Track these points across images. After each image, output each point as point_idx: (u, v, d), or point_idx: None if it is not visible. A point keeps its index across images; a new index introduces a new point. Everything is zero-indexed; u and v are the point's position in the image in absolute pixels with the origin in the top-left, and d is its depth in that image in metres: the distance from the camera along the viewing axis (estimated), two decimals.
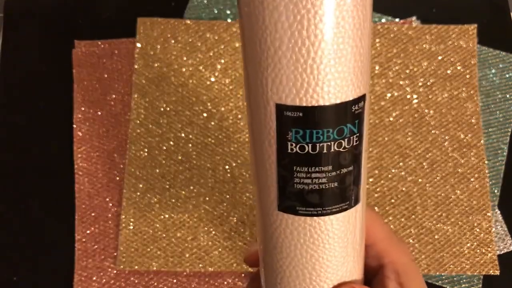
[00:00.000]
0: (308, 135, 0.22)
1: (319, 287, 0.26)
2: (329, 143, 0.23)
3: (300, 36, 0.21)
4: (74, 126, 0.52)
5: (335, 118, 0.22)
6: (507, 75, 0.54)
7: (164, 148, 0.51)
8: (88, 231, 0.50)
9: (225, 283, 0.49)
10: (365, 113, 0.23)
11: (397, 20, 0.56)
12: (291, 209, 0.24)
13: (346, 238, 0.25)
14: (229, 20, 0.55)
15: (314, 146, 0.23)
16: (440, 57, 0.54)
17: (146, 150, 0.51)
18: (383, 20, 0.55)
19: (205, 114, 0.52)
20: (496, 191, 0.51)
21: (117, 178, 0.51)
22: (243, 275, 0.49)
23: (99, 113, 0.53)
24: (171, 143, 0.52)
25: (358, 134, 0.23)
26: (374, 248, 0.30)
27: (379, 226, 0.30)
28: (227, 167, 0.51)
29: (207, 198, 0.50)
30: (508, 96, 0.54)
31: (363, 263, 0.28)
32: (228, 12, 0.56)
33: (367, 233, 0.29)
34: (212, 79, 0.53)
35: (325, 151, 0.23)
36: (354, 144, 0.23)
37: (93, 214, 0.50)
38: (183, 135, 0.52)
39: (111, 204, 0.50)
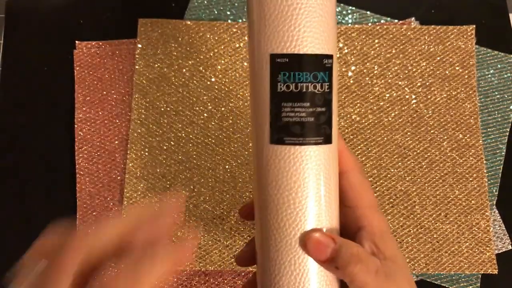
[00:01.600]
0: (292, 76, 0.30)
1: (301, 214, 0.31)
2: (307, 84, 0.30)
3: (286, 5, 0.30)
4: (76, 126, 0.52)
5: (311, 65, 0.31)
6: (505, 76, 0.55)
7: (165, 148, 0.52)
8: (89, 230, 0.50)
9: (225, 281, 0.49)
10: (334, 70, 0.32)
11: (396, 21, 0.56)
12: (280, 140, 0.31)
13: (321, 171, 0.31)
14: (229, 21, 0.55)
15: (297, 85, 0.30)
16: (438, 58, 0.54)
17: (146, 150, 0.52)
18: (382, 21, 0.56)
19: (205, 114, 0.53)
20: (494, 190, 0.51)
21: (118, 178, 0.51)
22: (242, 273, 0.49)
23: (100, 113, 0.53)
24: (172, 143, 0.52)
25: (328, 84, 0.31)
26: (356, 211, 0.32)
27: (367, 193, 0.33)
28: (227, 167, 0.51)
29: (207, 198, 0.50)
30: (506, 96, 0.54)
31: (338, 214, 0.33)
32: (228, 13, 0.56)
33: (355, 196, 0.33)
34: (213, 79, 0.53)
35: (304, 90, 0.30)
36: (326, 90, 0.31)
37: (94, 214, 0.50)
38: (183, 135, 0.52)
39: (112, 204, 0.51)
